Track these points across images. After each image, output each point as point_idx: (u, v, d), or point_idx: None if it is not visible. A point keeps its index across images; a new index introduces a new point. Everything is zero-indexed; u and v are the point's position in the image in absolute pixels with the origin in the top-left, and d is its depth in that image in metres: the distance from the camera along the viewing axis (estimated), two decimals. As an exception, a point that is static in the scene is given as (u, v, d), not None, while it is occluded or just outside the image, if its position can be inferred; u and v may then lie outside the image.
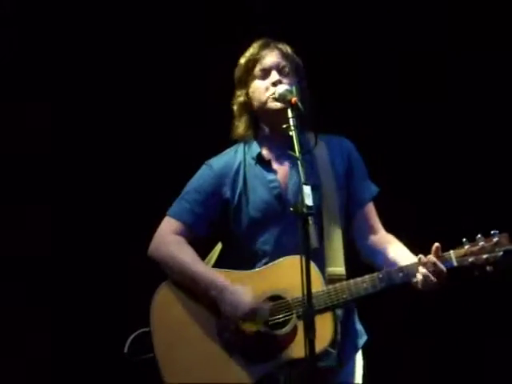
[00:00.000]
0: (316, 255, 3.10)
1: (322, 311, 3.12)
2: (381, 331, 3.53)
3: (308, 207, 2.84)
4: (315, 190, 3.09)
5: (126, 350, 3.22)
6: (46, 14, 4.65)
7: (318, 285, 3.13)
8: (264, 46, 3.38)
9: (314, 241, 2.83)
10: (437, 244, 3.15)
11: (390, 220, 3.43)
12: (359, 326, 3.39)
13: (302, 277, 2.74)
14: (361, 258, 3.40)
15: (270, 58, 3.35)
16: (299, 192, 3.13)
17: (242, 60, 3.41)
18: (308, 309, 2.75)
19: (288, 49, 3.40)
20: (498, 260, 3.12)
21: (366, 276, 3.18)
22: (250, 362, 3.17)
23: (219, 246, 3.46)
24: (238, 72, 3.43)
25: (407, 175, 4.73)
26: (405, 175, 4.72)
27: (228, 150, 3.46)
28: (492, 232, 3.16)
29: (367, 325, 3.41)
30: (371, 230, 3.39)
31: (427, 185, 4.76)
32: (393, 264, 3.22)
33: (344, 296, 3.16)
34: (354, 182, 3.39)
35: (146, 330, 3.25)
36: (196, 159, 3.48)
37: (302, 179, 2.91)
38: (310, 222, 2.82)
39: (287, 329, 3.17)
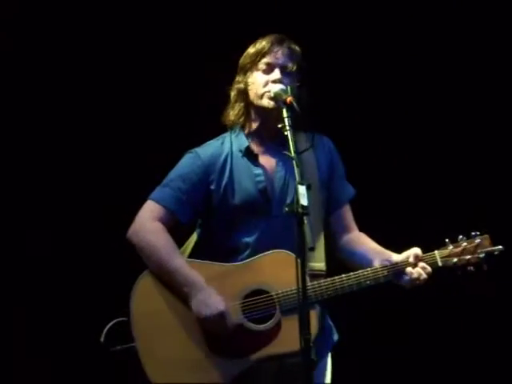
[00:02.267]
0: None
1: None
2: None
3: (303, 207, 2.81)
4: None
5: (102, 339, 3.16)
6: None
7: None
8: (276, 42, 3.34)
9: (309, 240, 2.79)
10: (417, 251, 3.24)
11: (367, 220, 3.47)
12: (331, 323, 3.41)
13: (296, 274, 2.73)
14: (336, 255, 3.43)
15: (279, 55, 3.32)
16: (285, 188, 3.31)
17: (251, 49, 3.38)
18: (303, 306, 2.74)
19: (297, 49, 3.38)
20: (480, 262, 3.24)
21: (352, 273, 3.21)
22: (231, 356, 3.14)
23: (194, 237, 3.42)
24: (243, 59, 3.40)
25: (386, 177, 4.76)
26: (383, 177, 4.75)
27: (213, 141, 3.43)
28: (473, 233, 3.28)
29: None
30: (347, 229, 3.44)
31: (406, 188, 4.79)
32: (370, 263, 3.27)
33: (329, 291, 3.18)
34: (334, 181, 3.43)
35: (124, 319, 3.18)
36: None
37: (298, 179, 2.89)
38: (306, 221, 2.80)
39: (270, 324, 3.15)
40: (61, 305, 4.59)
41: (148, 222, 3.26)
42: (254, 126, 3.37)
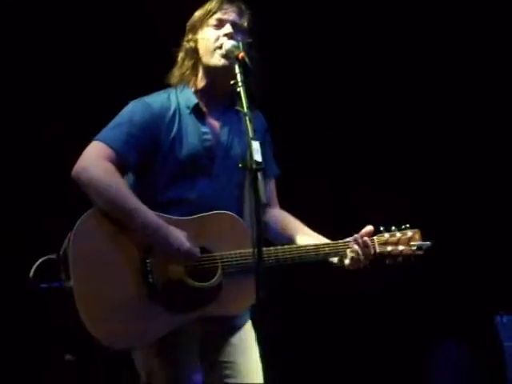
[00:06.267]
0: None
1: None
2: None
3: (257, 163, 2.80)
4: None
5: (31, 275, 3.03)
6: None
7: (247, 245, 3.08)
8: (226, 1, 3.35)
9: (263, 196, 2.74)
10: (371, 227, 3.28)
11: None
12: None
13: (252, 231, 2.73)
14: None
15: (229, 12, 3.33)
16: (228, 150, 3.31)
17: (200, 10, 3.38)
18: (259, 266, 2.71)
19: (247, 9, 3.38)
20: (411, 254, 3.32)
21: (294, 245, 3.25)
22: (169, 310, 3.08)
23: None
24: (192, 20, 3.39)
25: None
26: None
27: (160, 93, 3.36)
28: (403, 226, 3.35)
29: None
30: (270, 203, 3.44)
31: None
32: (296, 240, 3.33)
33: (271, 260, 3.16)
34: (265, 156, 3.39)
35: (53, 256, 3.06)
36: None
37: (251, 135, 2.85)
38: (260, 177, 2.78)
39: (212, 283, 3.12)
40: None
41: (99, 161, 3.14)
42: (201, 84, 3.35)
